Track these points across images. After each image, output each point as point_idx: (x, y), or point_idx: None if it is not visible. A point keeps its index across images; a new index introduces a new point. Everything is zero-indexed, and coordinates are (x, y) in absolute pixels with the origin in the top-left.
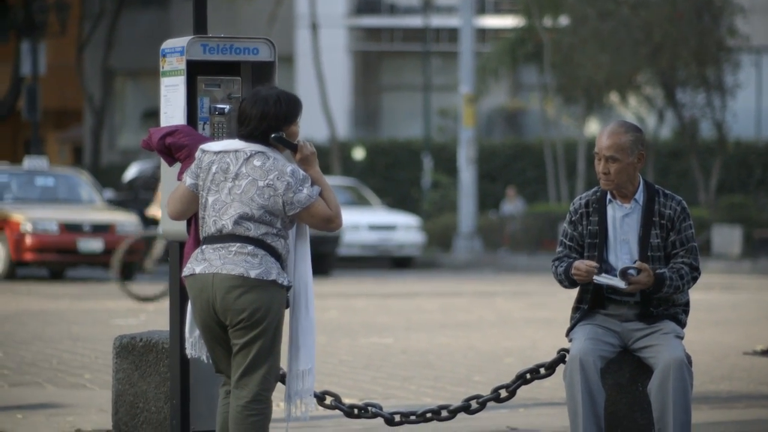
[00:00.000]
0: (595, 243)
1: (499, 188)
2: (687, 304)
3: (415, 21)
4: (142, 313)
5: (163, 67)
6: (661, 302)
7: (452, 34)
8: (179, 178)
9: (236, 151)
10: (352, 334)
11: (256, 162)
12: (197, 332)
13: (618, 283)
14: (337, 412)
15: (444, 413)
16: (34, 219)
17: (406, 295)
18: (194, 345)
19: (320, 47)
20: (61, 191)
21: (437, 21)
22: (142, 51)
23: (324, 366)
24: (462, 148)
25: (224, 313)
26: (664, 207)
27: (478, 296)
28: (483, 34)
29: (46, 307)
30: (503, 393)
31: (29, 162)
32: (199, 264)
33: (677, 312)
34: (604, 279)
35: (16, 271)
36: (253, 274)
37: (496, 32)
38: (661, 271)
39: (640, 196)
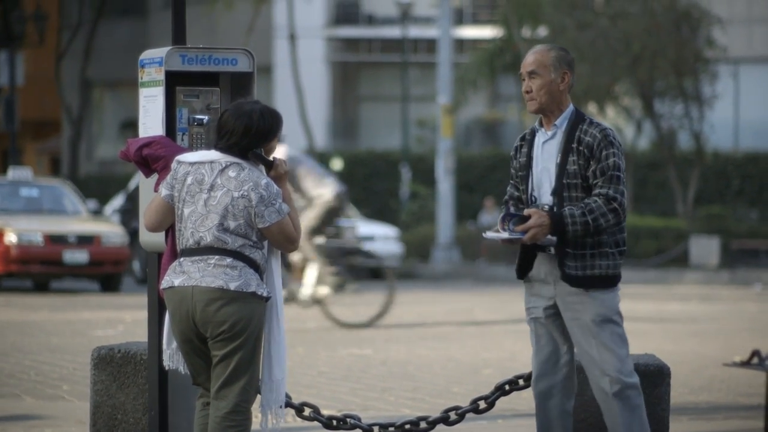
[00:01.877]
0: (523, 175)
1: (477, 199)
2: (617, 245)
3: (393, 32)
4: (120, 324)
5: (141, 78)
6: (579, 254)
7: (430, 44)
8: (155, 190)
9: (211, 162)
10: (331, 345)
11: (231, 173)
12: (174, 344)
13: (501, 234)
14: (316, 423)
15: (423, 424)
16: (18, 230)
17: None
18: (171, 357)
19: (298, 58)
20: (46, 202)
21: (415, 32)
22: (120, 61)
23: (303, 377)
24: (440, 159)
25: (204, 325)
26: (585, 134)
27: (456, 307)
28: (461, 44)
29: (25, 318)
30: (482, 404)
31: (13, 173)
32: (177, 276)
33: (606, 266)
34: (491, 234)
35: (1, 282)
36: (232, 286)
37: (474, 43)
38: (560, 210)
39: (562, 122)
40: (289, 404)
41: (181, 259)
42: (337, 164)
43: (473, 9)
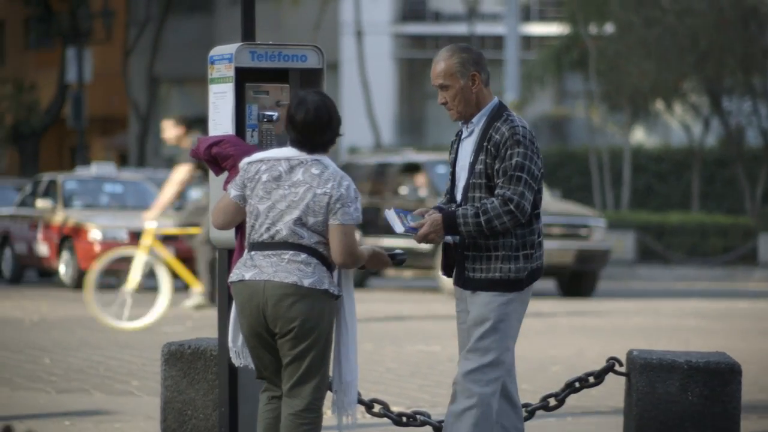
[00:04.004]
0: (451, 172)
1: None
2: (524, 247)
3: (460, 28)
4: (188, 320)
5: (211, 75)
6: (477, 256)
7: (497, 41)
8: (224, 188)
9: (288, 159)
10: (398, 341)
11: (314, 170)
12: (241, 340)
13: (396, 225)
14: (386, 420)
15: None
16: (103, 227)
17: (451, 302)
18: (239, 354)
19: (365, 54)
20: (130, 198)
21: (482, 28)
22: (187, 58)
23: (370, 374)
24: None
25: (275, 321)
26: (496, 132)
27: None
28: (528, 41)
29: (93, 314)
30: (552, 401)
31: (97, 168)
32: (248, 270)
33: (507, 270)
34: (390, 216)
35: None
36: (306, 282)
37: (541, 40)
38: (453, 210)
39: (480, 119)
40: (358, 401)
41: (252, 252)
42: None
43: (540, 6)
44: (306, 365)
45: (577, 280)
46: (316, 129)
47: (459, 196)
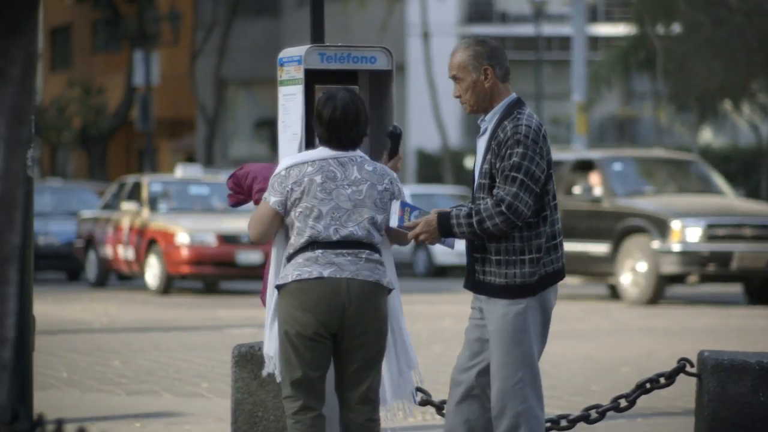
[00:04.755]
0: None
1: None
2: (530, 251)
3: (526, 29)
4: (256, 321)
5: (280, 77)
6: (486, 259)
7: (564, 42)
8: (256, 202)
9: (336, 157)
10: None
11: (368, 167)
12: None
13: (391, 219)
14: None
15: (563, 423)
16: (191, 230)
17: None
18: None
19: (432, 56)
20: (217, 200)
21: (549, 29)
22: (253, 60)
23: (440, 375)
24: None
25: (358, 318)
26: (502, 131)
27: (592, 306)
28: (595, 42)
29: (162, 315)
30: (623, 403)
31: (183, 170)
32: (324, 267)
33: (513, 275)
34: (393, 208)
35: (173, 283)
36: (384, 281)
37: (608, 40)
38: (448, 211)
39: (492, 117)
40: (428, 402)
41: (320, 251)
42: (470, 162)
43: (606, 6)
44: (378, 367)
45: None
46: (343, 126)
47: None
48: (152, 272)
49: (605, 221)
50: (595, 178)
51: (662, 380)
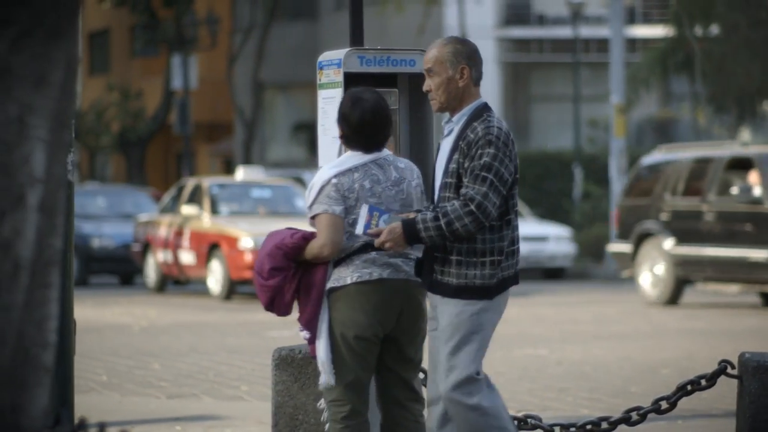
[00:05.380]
0: (434, 171)
1: None
2: (491, 253)
3: (564, 31)
4: (295, 325)
5: (320, 80)
6: (445, 259)
7: (602, 44)
8: (311, 223)
9: (373, 160)
10: (506, 345)
11: (400, 164)
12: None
13: (358, 225)
14: None
15: (604, 425)
16: (254, 234)
17: (559, 306)
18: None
19: None
20: (279, 203)
21: (587, 31)
22: (291, 64)
23: None
24: (613, 159)
25: (413, 319)
26: (472, 131)
27: (630, 307)
28: (633, 44)
29: (201, 319)
30: (664, 404)
31: (244, 172)
32: (382, 269)
33: (473, 276)
34: (361, 214)
35: (235, 288)
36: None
37: (646, 42)
38: (413, 217)
39: (460, 118)
40: None
41: (374, 253)
42: None
43: (644, 8)
44: (420, 367)
45: None
46: (375, 127)
47: (435, 197)
48: (214, 277)
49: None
50: (754, 177)
51: (703, 382)
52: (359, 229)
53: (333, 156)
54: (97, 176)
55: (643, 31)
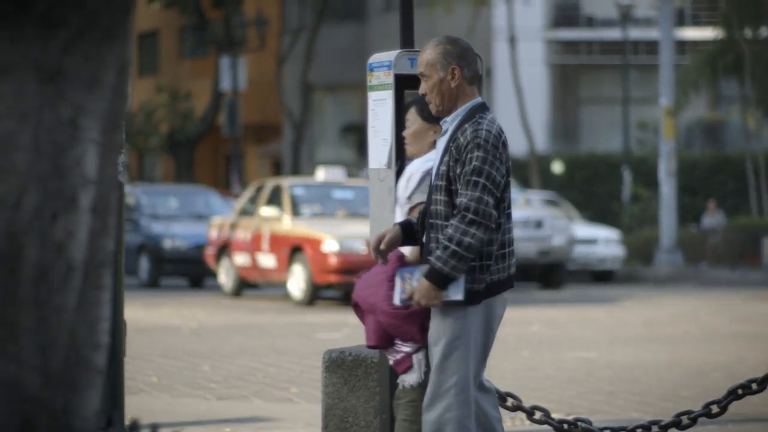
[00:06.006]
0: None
1: (700, 201)
2: (480, 258)
3: (613, 33)
4: (344, 326)
5: (370, 82)
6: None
7: (651, 46)
8: (410, 212)
9: None
10: (555, 348)
11: None
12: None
13: (395, 296)
14: (547, 427)
15: (655, 429)
16: (340, 237)
17: (608, 309)
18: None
19: (518, 60)
20: (359, 205)
21: (636, 33)
22: (340, 65)
23: (529, 380)
24: (662, 161)
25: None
26: (462, 134)
27: (680, 310)
28: (682, 46)
29: (250, 321)
30: (714, 408)
31: (325, 173)
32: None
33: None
34: (396, 280)
35: (319, 293)
36: None
37: (695, 44)
38: (429, 264)
39: (454, 119)
40: (519, 407)
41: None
42: (557, 167)
43: (693, 10)
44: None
45: None
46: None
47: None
48: (296, 281)
49: None
50: None
51: (754, 386)
52: (396, 300)
53: (383, 158)
54: (146, 177)
55: (692, 33)
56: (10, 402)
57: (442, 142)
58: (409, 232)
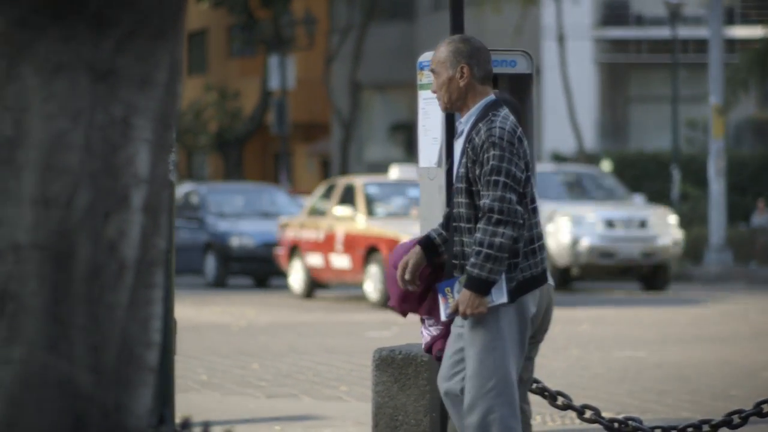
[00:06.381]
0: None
1: (749, 200)
2: (515, 255)
3: (662, 32)
4: (394, 325)
5: (420, 80)
6: (464, 266)
7: (700, 45)
8: None
9: None
10: (605, 347)
11: None
12: None
13: (442, 312)
14: (597, 426)
15: (706, 428)
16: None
17: (658, 307)
18: None
19: (567, 59)
20: None
21: (685, 32)
22: (388, 64)
23: (578, 379)
24: (711, 160)
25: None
26: (477, 134)
27: (730, 309)
28: (732, 44)
29: (300, 319)
30: (765, 408)
31: (399, 171)
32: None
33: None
34: (440, 297)
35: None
36: None
37: (745, 43)
38: (467, 270)
39: (468, 119)
40: (569, 406)
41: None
42: (606, 165)
43: (743, 8)
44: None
45: None
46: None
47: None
48: (373, 282)
49: None
50: None
51: None
52: (442, 316)
53: (433, 156)
54: (195, 176)
55: (741, 31)
56: (63, 400)
57: (458, 144)
58: (431, 247)
